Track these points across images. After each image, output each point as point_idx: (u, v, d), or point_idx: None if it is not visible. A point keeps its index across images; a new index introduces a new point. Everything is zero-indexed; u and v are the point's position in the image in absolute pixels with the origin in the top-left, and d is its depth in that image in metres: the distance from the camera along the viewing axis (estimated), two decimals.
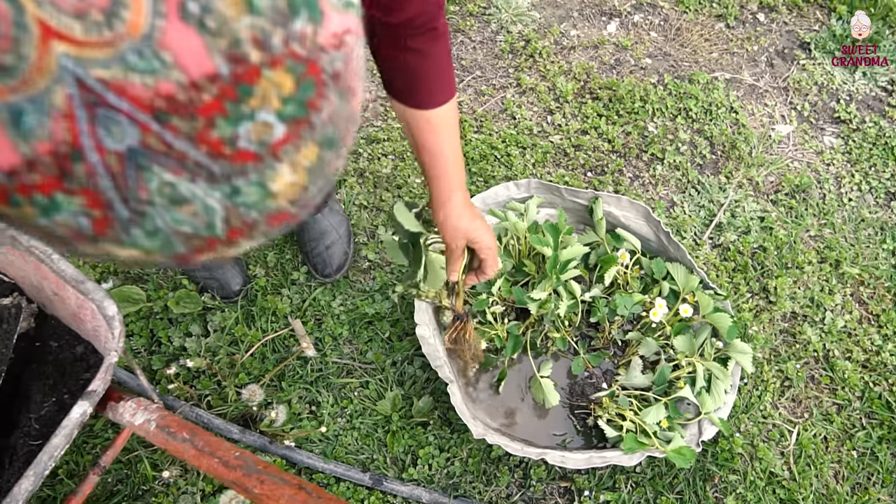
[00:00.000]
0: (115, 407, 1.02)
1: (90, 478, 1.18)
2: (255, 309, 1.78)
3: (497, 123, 2.09)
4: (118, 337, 1.01)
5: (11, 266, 1.18)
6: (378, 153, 2.01)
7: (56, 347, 1.17)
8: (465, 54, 2.22)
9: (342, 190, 1.95)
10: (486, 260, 1.23)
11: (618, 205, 1.72)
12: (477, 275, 1.29)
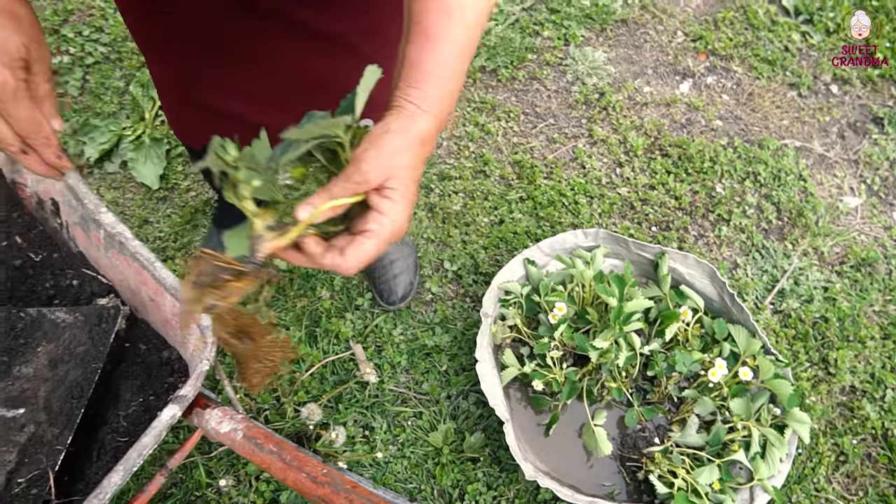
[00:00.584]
0: (200, 413, 1.07)
1: (156, 478, 1.22)
2: (319, 330, 1.84)
3: (567, 171, 2.13)
4: (210, 346, 1.07)
5: (113, 269, 1.25)
6: (449, 190, 2.07)
7: (144, 350, 1.24)
8: (540, 102, 2.28)
9: (412, 222, 2.01)
10: (367, 234, 0.72)
11: (684, 262, 1.74)
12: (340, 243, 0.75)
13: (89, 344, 1.16)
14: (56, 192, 1.29)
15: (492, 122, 2.21)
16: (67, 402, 1.10)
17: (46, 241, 1.38)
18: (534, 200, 2.05)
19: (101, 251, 1.24)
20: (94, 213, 1.18)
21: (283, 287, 1.91)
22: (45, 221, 1.39)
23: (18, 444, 1.11)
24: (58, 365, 1.18)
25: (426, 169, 2.11)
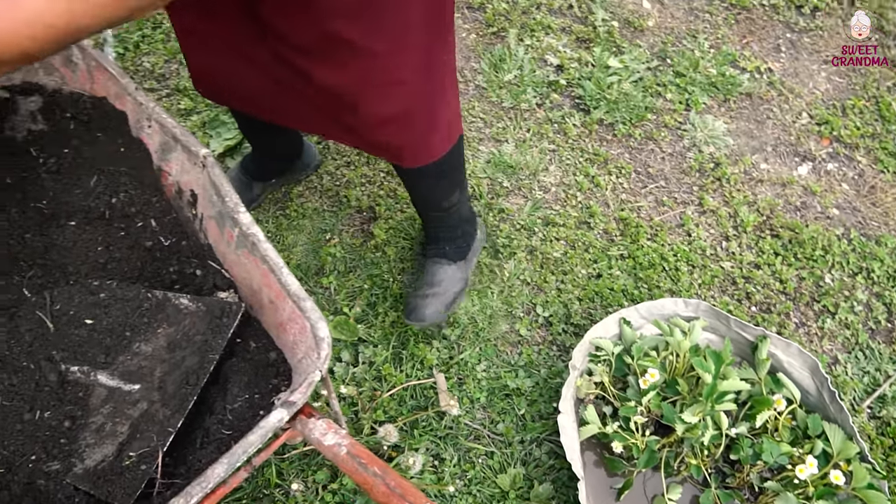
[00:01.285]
0: (304, 422, 1.10)
1: (240, 473, 1.26)
2: (405, 353, 1.87)
3: (671, 236, 2.11)
4: (324, 359, 1.10)
5: (239, 266, 1.31)
6: (552, 236, 2.08)
7: (254, 348, 1.28)
8: (653, 162, 2.27)
9: (510, 262, 2.03)
10: None
11: (785, 350, 1.69)
12: None
13: (208, 334, 1.21)
14: (198, 184, 1.36)
15: (602, 175, 2.21)
16: (182, 387, 1.15)
17: (178, 229, 1.45)
18: (635, 260, 2.04)
19: (231, 247, 1.31)
20: (234, 211, 1.24)
21: (374, 303, 1.96)
22: (179, 210, 1.46)
23: (131, 417, 1.17)
24: (175, 349, 1.24)
25: (531, 212, 2.13)
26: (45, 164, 1.50)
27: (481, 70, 2.43)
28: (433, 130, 1.47)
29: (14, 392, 1.17)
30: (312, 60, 1.27)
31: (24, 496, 1.10)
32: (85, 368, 1.22)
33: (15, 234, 1.37)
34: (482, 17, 2.56)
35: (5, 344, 1.19)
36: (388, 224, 2.09)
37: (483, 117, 2.33)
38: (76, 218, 1.43)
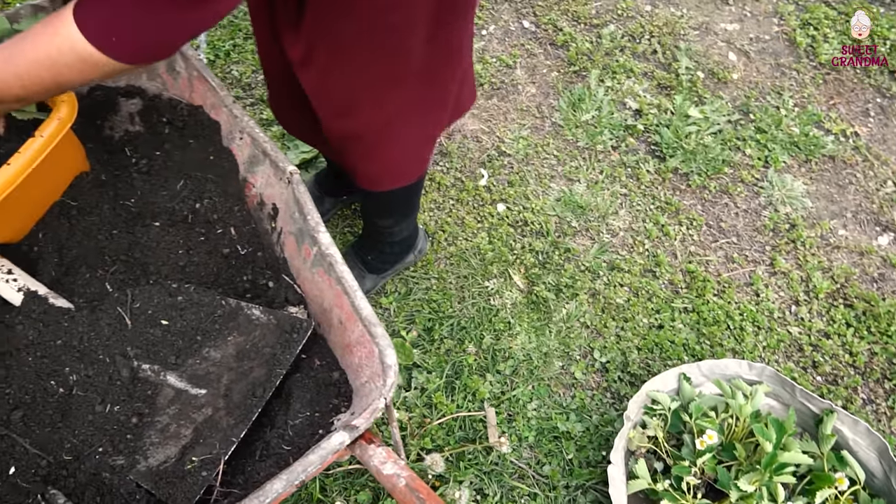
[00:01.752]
0: (364, 447, 1.11)
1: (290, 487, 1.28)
2: (458, 383, 1.87)
3: (739, 294, 2.07)
4: (390, 387, 1.11)
5: (312, 284, 1.33)
6: (616, 281, 2.06)
7: (318, 366, 1.30)
8: (726, 217, 2.23)
9: (572, 302, 2.01)
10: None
11: (853, 428, 1.63)
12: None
13: (277, 348, 1.24)
14: (281, 199, 1.40)
15: (673, 225, 2.19)
16: (248, 397, 1.18)
17: (255, 239, 1.49)
18: (699, 315, 2.00)
19: (307, 265, 1.33)
20: (314, 230, 1.27)
21: (431, 328, 1.96)
22: (259, 221, 1.50)
23: (195, 421, 1.19)
24: (244, 359, 1.26)
25: (598, 254, 2.11)
26: (136, 165, 1.56)
27: (559, 108, 2.44)
28: (381, 166, 1.50)
29: (89, 383, 1.21)
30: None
31: (88, 486, 1.13)
32: (155, 367, 1.26)
33: (104, 230, 1.42)
34: (565, 56, 2.57)
35: (86, 335, 1.24)
36: (450, 251, 2.10)
37: (557, 155, 2.33)
38: (160, 219, 1.48)
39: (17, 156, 1.13)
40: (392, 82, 1.28)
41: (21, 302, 1.26)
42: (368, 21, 1.15)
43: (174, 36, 0.86)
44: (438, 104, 1.40)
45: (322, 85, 1.31)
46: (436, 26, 1.21)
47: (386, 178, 1.55)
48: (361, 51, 1.21)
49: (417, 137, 1.46)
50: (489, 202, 2.22)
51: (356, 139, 1.40)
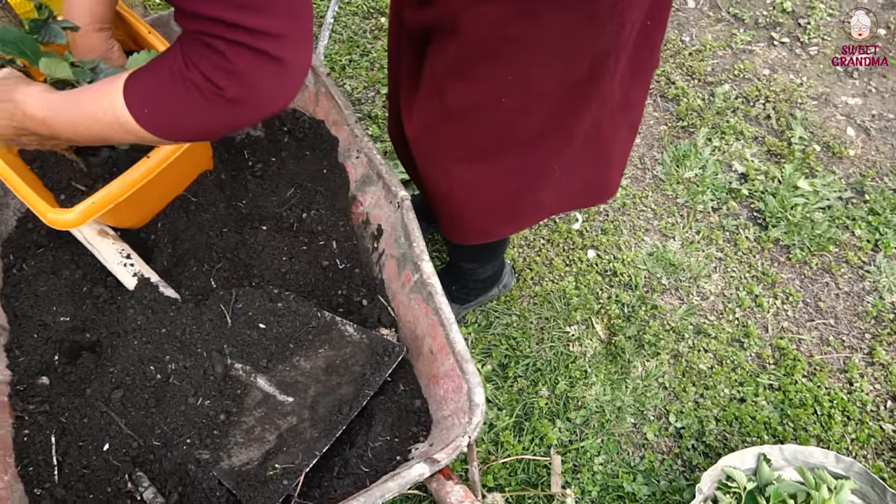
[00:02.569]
0: (441, 482, 1.11)
1: None
2: (527, 425, 1.85)
3: (831, 380, 1.98)
4: (475, 425, 1.11)
5: (407, 309, 1.35)
6: (701, 346, 2.01)
7: (402, 391, 1.31)
8: (826, 297, 2.15)
9: (652, 361, 1.97)
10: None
11: None
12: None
13: (367, 368, 1.25)
14: (387, 222, 1.42)
15: (767, 297, 2.12)
16: (333, 413, 1.19)
17: (354, 256, 1.52)
18: (785, 394, 1.92)
19: (405, 290, 1.35)
20: (419, 258, 1.29)
21: (506, 365, 1.95)
22: (361, 239, 1.53)
23: (280, 428, 1.22)
24: (332, 373, 1.28)
25: (685, 316, 2.06)
26: (252, 168, 1.62)
27: (662, 161, 2.40)
28: (466, 223, 1.44)
29: (185, 374, 1.25)
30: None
31: (172, 474, 1.17)
32: (247, 368, 1.29)
33: (216, 227, 1.48)
34: (674, 110, 2.54)
35: (188, 328, 1.28)
36: (535, 291, 2.09)
37: (654, 209, 2.29)
38: (268, 223, 1.53)
39: (156, 150, 1.19)
40: (490, 155, 1.25)
41: (134, 287, 1.32)
42: (488, 102, 1.12)
43: (205, 127, 0.86)
44: (537, 178, 1.33)
45: (421, 139, 1.31)
46: (557, 115, 1.16)
47: (471, 234, 1.50)
48: (469, 125, 1.19)
49: (507, 203, 1.39)
50: (580, 247, 2.20)
51: (447, 194, 1.38)
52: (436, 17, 1.07)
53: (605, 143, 1.29)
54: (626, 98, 1.22)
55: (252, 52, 0.73)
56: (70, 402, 1.20)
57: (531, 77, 1.08)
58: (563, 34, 1.00)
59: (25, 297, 1.33)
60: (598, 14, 0.97)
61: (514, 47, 1.02)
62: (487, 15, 0.98)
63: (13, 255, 1.41)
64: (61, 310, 1.33)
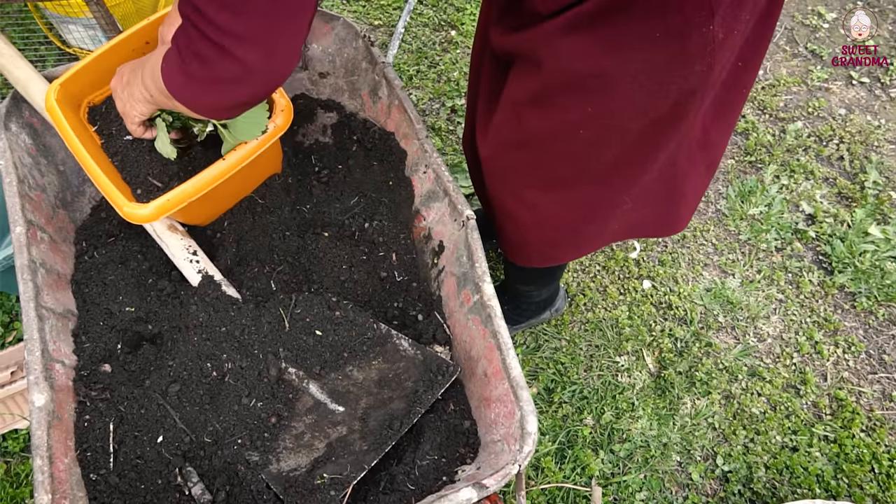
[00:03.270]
0: None
1: None
2: (570, 453, 1.82)
3: (891, 437, 1.90)
4: (526, 454, 1.09)
5: (463, 329, 1.34)
6: (754, 389, 1.96)
7: (452, 411, 1.31)
8: (891, 350, 2.07)
9: (703, 399, 1.92)
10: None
11: None
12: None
13: (420, 385, 1.25)
14: (450, 239, 1.42)
15: (827, 344, 2.05)
16: (384, 427, 1.19)
17: (413, 270, 1.52)
18: (841, 448, 1.85)
19: (463, 309, 1.34)
20: (480, 278, 1.28)
21: (553, 389, 1.93)
22: (421, 253, 1.54)
23: (329, 437, 1.23)
24: (384, 387, 1.28)
25: (740, 356, 2.01)
26: (318, 174, 1.64)
27: (726, 195, 2.35)
28: (530, 247, 1.46)
29: (241, 374, 1.27)
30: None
31: (221, 473, 1.18)
32: (300, 374, 1.30)
33: (279, 230, 1.50)
34: (743, 143, 2.49)
35: (247, 328, 1.30)
36: (587, 317, 2.07)
37: (715, 243, 2.25)
38: (330, 230, 1.55)
39: (232, 153, 1.21)
40: (563, 184, 1.24)
41: (198, 283, 1.34)
42: (565, 132, 1.12)
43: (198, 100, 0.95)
44: (607, 209, 1.31)
45: (494, 161, 1.31)
46: (634, 150, 1.14)
47: (534, 258, 1.51)
48: (544, 153, 1.19)
49: (574, 231, 1.38)
50: (636, 276, 2.17)
51: (514, 217, 1.38)
52: (520, 45, 1.07)
53: (680, 180, 1.27)
54: (707, 136, 1.20)
55: (216, 45, 0.82)
56: (129, 391, 1.23)
57: (611, 111, 1.06)
58: (649, 71, 0.99)
59: (95, 284, 1.37)
60: (687, 54, 0.96)
61: (596, 81, 1.01)
62: (572, 48, 0.98)
63: (86, 243, 1.45)
64: (127, 300, 1.36)
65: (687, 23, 0.91)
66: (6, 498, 1.71)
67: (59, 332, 1.23)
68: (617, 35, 0.94)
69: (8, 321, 1.99)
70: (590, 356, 2.01)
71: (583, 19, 0.94)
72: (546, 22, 0.98)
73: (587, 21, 0.94)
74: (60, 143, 1.51)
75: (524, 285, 1.80)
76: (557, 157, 1.17)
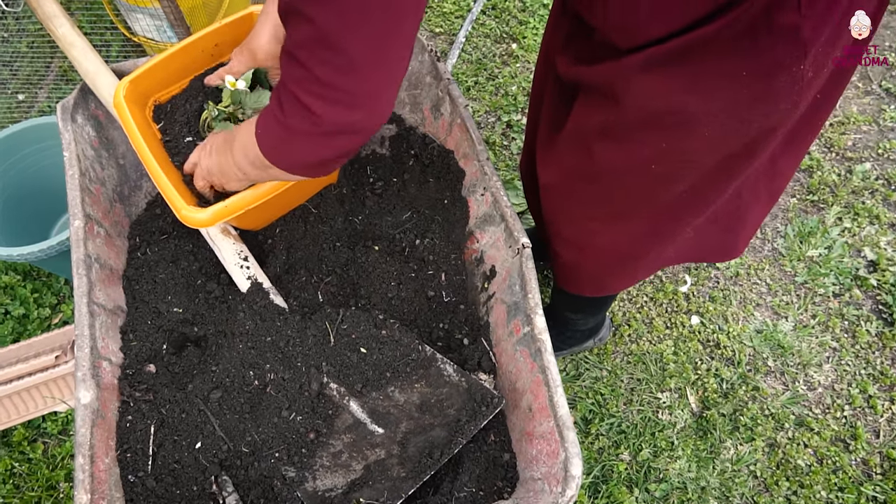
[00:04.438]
0: None
1: None
2: (604, 488, 1.78)
3: None
4: (569, 498, 1.06)
5: (510, 360, 1.31)
6: (801, 439, 1.88)
7: (492, 441, 1.28)
8: None
9: (745, 445, 1.86)
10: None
11: None
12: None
13: (462, 415, 1.22)
14: (502, 265, 1.39)
15: (882, 399, 1.97)
16: (423, 455, 1.17)
17: (461, 292, 1.50)
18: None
19: (511, 340, 1.31)
20: (532, 311, 1.25)
21: (590, 420, 1.89)
22: (471, 276, 1.51)
23: (367, 458, 1.21)
24: (426, 412, 1.26)
25: (787, 403, 1.94)
26: (373, 185, 1.62)
27: (785, 234, 2.28)
28: (584, 274, 1.44)
29: (282, 386, 1.26)
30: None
31: (257, 485, 1.17)
32: (341, 390, 1.29)
33: (329, 241, 1.49)
34: (806, 182, 2.41)
35: (292, 340, 1.29)
36: (630, 349, 2.02)
37: (769, 283, 2.18)
38: (380, 244, 1.53)
39: None
40: (626, 216, 1.21)
41: (247, 290, 1.34)
42: (637, 167, 1.08)
43: (305, 161, 0.93)
44: (666, 239, 1.28)
45: (556, 189, 1.28)
46: (702, 183, 1.11)
47: (587, 286, 1.49)
48: (612, 185, 1.16)
49: (631, 260, 1.35)
50: (684, 311, 2.11)
51: (571, 245, 1.36)
52: (593, 77, 1.03)
53: (742, 209, 1.23)
54: (775, 166, 1.16)
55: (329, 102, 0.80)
56: (172, 394, 1.22)
57: (686, 147, 1.03)
58: (731, 109, 0.95)
59: (145, 281, 1.37)
60: (773, 92, 0.91)
61: (675, 118, 0.98)
62: (652, 85, 0.94)
63: (139, 238, 1.46)
64: (175, 300, 1.36)
65: (777, 63, 0.87)
66: (41, 479, 1.73)
67: (108, 329, 1.23)
68: (701, 73, 0.91)
69: (55, 302, 2.02)
70: (631, 389, 1.97)
71: (665, 57, 0.90)
72: (625, 57, 0.95)
73: (670, 58, 0.90)
74: (122, 137, 1.52)
75: (572, 313, 1.77)
76: (625, 190, 1.14)
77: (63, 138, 1.34)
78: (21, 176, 1.90)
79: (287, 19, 0.78)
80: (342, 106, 0.80)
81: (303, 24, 0.74)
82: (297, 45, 0.78)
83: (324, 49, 0.75)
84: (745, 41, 0.84)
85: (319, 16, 0.73)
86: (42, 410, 1.77)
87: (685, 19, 0.85)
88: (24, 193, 1.92)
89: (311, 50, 0.76)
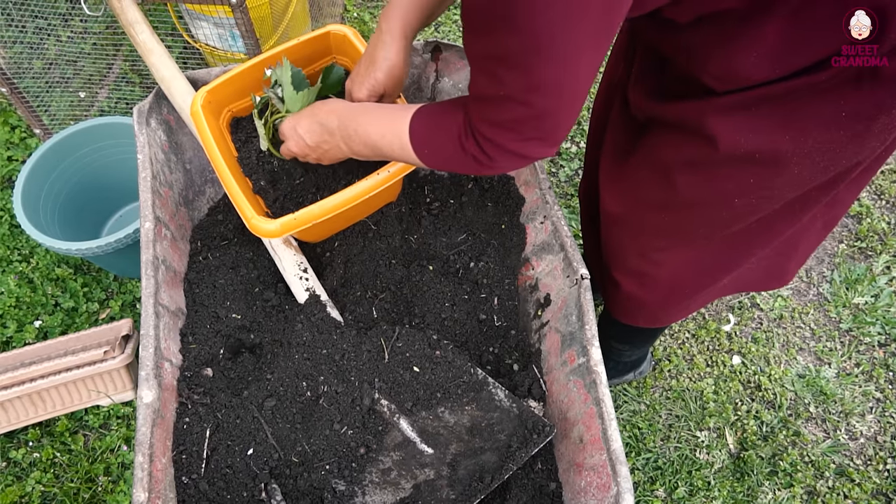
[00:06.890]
0: None
1: None
2: None
3: None
4: None
5: (562, 389, 1.31)
6: (841, 489, 1.85)
7: (539, 469, 1.28)
8: None
9: (783, 491, 1.83)
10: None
11: None
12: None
13: (513, 440, 1.22)
14: (558, 294, 1.39)
15: None
16: (473, 479, 1.17)
17: (513, 317, 1.50)
18: None
19: (564, 369, 1.31)
20: (589, 342, 1.25)
21: (626, 454, 1.87)
22: (524, 302, 1.51)
23: (416, 478, 1.21)
24: (476, 435, 1.26)
25: (828, 451, 1.91)
26: (429, 205, 1.64)
27: (831, 280, 2.25)
28: (638, 305, 1.43)
29: (335, 399, 1.27)
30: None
31: (305, 496, 1.18)
32: (392, 407, 1.30)
33: (385, 257, 1.51)
34: (854, 227, 2.39)
35: (347, 353, 1.30)
36: (670, 384, 2.00)
37: (813, 328, 2.15)
38: (435, 264, 1.54)
39: (363, 180, 1.22)
40: (696, 245, 1.21)
41: (305, 301, 1.35)
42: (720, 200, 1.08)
43: (463, 171, 0.99)
44: (729, 269, 1.28)
45: (624, 218, 1.27)
46: (776, 216, 1.11)
47: (641, 317, 1.48)
48: (690, 216, 1.15)
49: (689, 291, 1.35)
50: (726, 349, 2.09)
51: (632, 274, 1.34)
52: (675, 114, 1.04)
53: (797, 237, 1.23)
54: (836, 195, 1.15)
55: (533, 144, 0.89)
56: (228, 399, 1.24)
57: (772, 184, 1.03)
58: (822, 149, 0.95)
59: (206, 285, 1.39)
60: (868, 134, 0.92)
61: (767, 155, 0.98)
62: (747, 124, 0.95)
63: (200, 242, 1.49)
64: (234, 306, 1.38)
65: (878, 105, 0.87)
66: (81, 471, 1.76)
67: (170, 331, 1.26)
68: (798, 113, 0.91)
69: (104, 298, 2.06)
70: (668, 426, 1.95)
71: (764, 98, 0.91)
72: (718, 97, 0.95)
73: (768, 99, 0.91)
74: (190, 142, 1.55)
75: (620, 343, 1.76)
76: (701, 221, 1.14)
77: (137, 141, 1.37)
78: (79, 174, 1.95)
79: (490, 102, 0.85)
80: (542, 143, 0.89)
81: (516, 107, 0.82)
82: (508, 121, 0.85)
83: (538, 121, 0.84)
84: (849, 86, 0.85)
85: (539, 102, 0.80)
86: (86, 403, 1.80)
87: (793, 67, 0.86)
88: (79, 190, 1.97)
89: (525, 123, 0.84)
